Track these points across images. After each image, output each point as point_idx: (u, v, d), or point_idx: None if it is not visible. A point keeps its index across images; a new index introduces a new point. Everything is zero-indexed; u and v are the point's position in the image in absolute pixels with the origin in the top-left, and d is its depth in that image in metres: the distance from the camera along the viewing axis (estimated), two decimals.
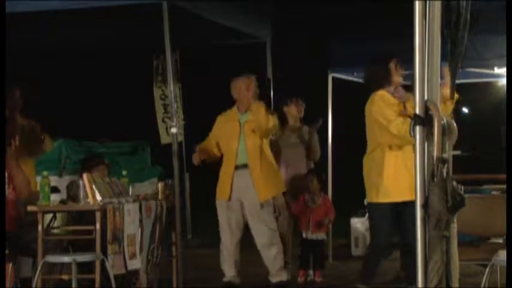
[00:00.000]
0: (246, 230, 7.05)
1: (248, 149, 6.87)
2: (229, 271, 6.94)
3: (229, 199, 6.88)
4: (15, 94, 6.94)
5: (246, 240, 7.10)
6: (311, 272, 7.71)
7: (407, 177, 5.69)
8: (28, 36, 7.69)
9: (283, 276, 6.95)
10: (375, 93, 6.07)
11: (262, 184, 6.83)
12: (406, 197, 5.73)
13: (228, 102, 7.17)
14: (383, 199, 5.98)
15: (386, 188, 5.95)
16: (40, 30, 7.55)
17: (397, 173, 5.92)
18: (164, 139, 10.29)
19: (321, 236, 7.69)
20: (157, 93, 10.58)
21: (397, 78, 6.15)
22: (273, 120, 6.94)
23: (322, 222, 7.64)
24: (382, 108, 5.95)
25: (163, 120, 10.50)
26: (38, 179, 6.29)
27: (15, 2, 6.17)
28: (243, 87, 6.98)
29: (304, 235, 7.71)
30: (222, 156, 7.07)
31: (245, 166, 6.87)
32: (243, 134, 6.90)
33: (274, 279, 6.95)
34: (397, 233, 6.13)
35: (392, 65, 6.12)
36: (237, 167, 6.88)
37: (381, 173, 5.96)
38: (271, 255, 6.90)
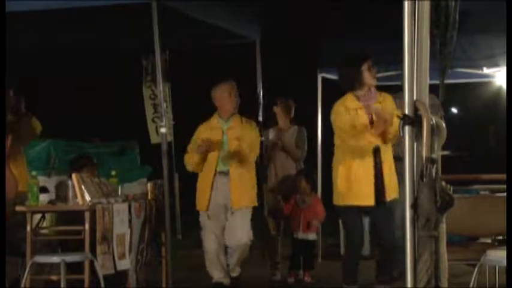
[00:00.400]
0: None
1: (230, 156, 6.87)
2: (216, 273, 6.93)
3: (208, 209, 6.87)
4: (8, 93, 6.95)
5: None
6: (301, 272, 7.71)
7: (358, 184, 5.91)
8: (14, 35, 7.65)
9: (225, 280, 6.95)
10: (343, 97, 6.10)
11: (238, 192, 6.83)
12: (362, 202, 5.93)
13: None
14: (342, 202, 6.08)
15: (341, 193, 6.04)
16: (26, 29, 7.51)
17: (350, 179, 6.01)
18: (154, 139, 10.27)
19: (311, 236, 7.69)
20: (146, 93, 10.56)
21: (370, 81, 6.07)
22: (256, 144, 7.01)
23: (312, 222, 7.64)
24: (341, 114, 6.02)
25: (153, 120, 10.48)
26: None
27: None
28: (225, 94, 6.98)
29: (294, 235, 7.72)
30: None
31: (226, 173, 6.87)
32: (226, 141, 6.90)
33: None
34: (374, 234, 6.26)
35: (365, 67, 6.03)
36: (219, 173, 6.88)
37: (336, 177, 6.08)
38: (232, 261, 6.92)
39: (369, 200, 5.96)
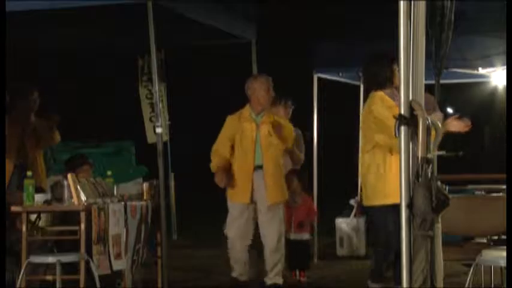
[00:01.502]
0: None
1: (263, 150, 6.83)
2: (237, 268, 6.87)
3: (251, 201, 6.80)
4: (33, 95, 7.03)
5: None
6: (297, 272, 7.71)
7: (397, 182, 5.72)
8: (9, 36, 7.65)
9: (279, 280, 6.92)
10: (375, 93, 5.97)
11: (273, 187, 6.80)
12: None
13: (214, 101, 7.16)
14: (383, 201, 5.83)
15: (385, 191, 5.82)
16: (21, 30, 7.50)
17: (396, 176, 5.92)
18: (151, 138, 10.26)
19: (304, 236, 7.69)
20: (143, 92, 10.54)
21: (397, 80, 6.05)
22: (291, 135, 7.02)
23: (303, 222, 7.64)
24: (384, 109, 5.84)
25: (150, 120, 10.47)
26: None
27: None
28: (262, 87, 6.93)
29: (287, 236, 7.72)
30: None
31: (260, 167, 6.83)
32: (258, 135, 6.87)
33: (269, 282, 6.91)
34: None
35: (395, 66, 5.87)
36: (256, 168, 6.82)
37: (381, 175, 5.89)
38: (276, 259, 6.87)
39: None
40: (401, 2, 3.73)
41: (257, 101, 6.93)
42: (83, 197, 5.84)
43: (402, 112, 3.75)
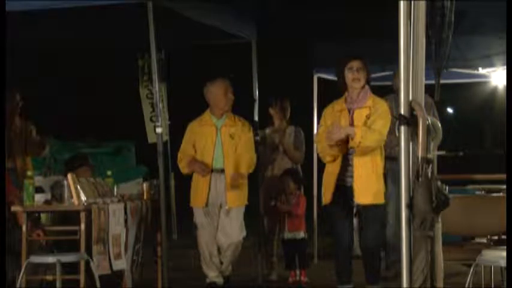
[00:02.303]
0: None
1: (225, 154, 6.87)
2: (211, 273, 6.94)
3: (206, 205, 6.89)
4: (15, 96, 7.00)
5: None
6: (297, 271, 7.71)
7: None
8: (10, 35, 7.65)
9: (219, 280, 6.96)
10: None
11: (233, 191, 6.85)
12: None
13: None
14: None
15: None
16: (21, 30, 7.50)
17: None
18: (152, 138, 10.27)
19: (299, 234, 7.67)
20: (143, 92, 10.54)
21: (351, 83, 6.20)
22: (251, 144, 7.05)
23: (296, 220, 7.63)
24: (327, 115, 6.23)
25: (151, 119, 10.47)
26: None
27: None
28: (220, 91, 7.00)
29: (281, 235, 7.73)
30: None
31: (222, 171, 6.88)
32: (219, 139, 6.90)
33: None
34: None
35: (347, 68, 6.17)
36: (214, 172, 6.89)
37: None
38: (225, 260, 6.94)
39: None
40: (401, 2, 3.73)
41: (216, 105, 6.98)
42: (83, 197, 5.84)
43: (402, 112, 3.75)
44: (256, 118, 7.76)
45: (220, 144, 6.91)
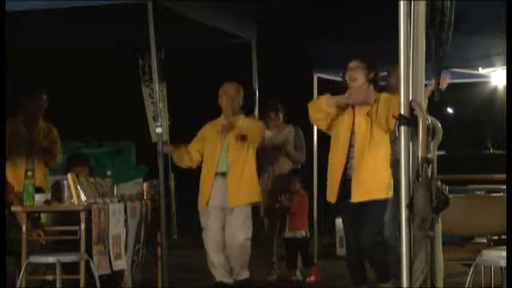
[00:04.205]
0: None
1: (229, 157, 6.87)
2: (216, 273, 6.93)
3: (207, 207, 6.90)
4: (42, 96, 7.06)
5: None
6: (298, 271, 7.71)
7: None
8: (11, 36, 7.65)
9: (227, 279, 6.94)
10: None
11: (234, 190, 6.84)
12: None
13: (214, 102, 7.17)
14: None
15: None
16: (21, 30, 7.51)
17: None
18: (154, 137, 10.27)
19: (300, 233, 7.67)
20: (146, 92, 10.53)
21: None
22: (260, 128, 7.04)
23: (297, 220, 7.63)
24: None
25: (153, 119, 10.45)
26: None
27: None
28: (224, 94, 7.02)
29: (282, 235, 7.74)
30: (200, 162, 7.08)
31: (224, 174, 6.89)
32: (226, 142, 6.90)
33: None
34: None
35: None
36: (216, 175, 6.90)
37: None
38: (234, 264, 6.92)
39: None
40: (401, 2, 3.72)
41: (227, 108, 7.04)
42: (83, 197, 5.85)
43: (402, 112, 3.75)
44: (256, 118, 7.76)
45: (226, 147, 6.91)
